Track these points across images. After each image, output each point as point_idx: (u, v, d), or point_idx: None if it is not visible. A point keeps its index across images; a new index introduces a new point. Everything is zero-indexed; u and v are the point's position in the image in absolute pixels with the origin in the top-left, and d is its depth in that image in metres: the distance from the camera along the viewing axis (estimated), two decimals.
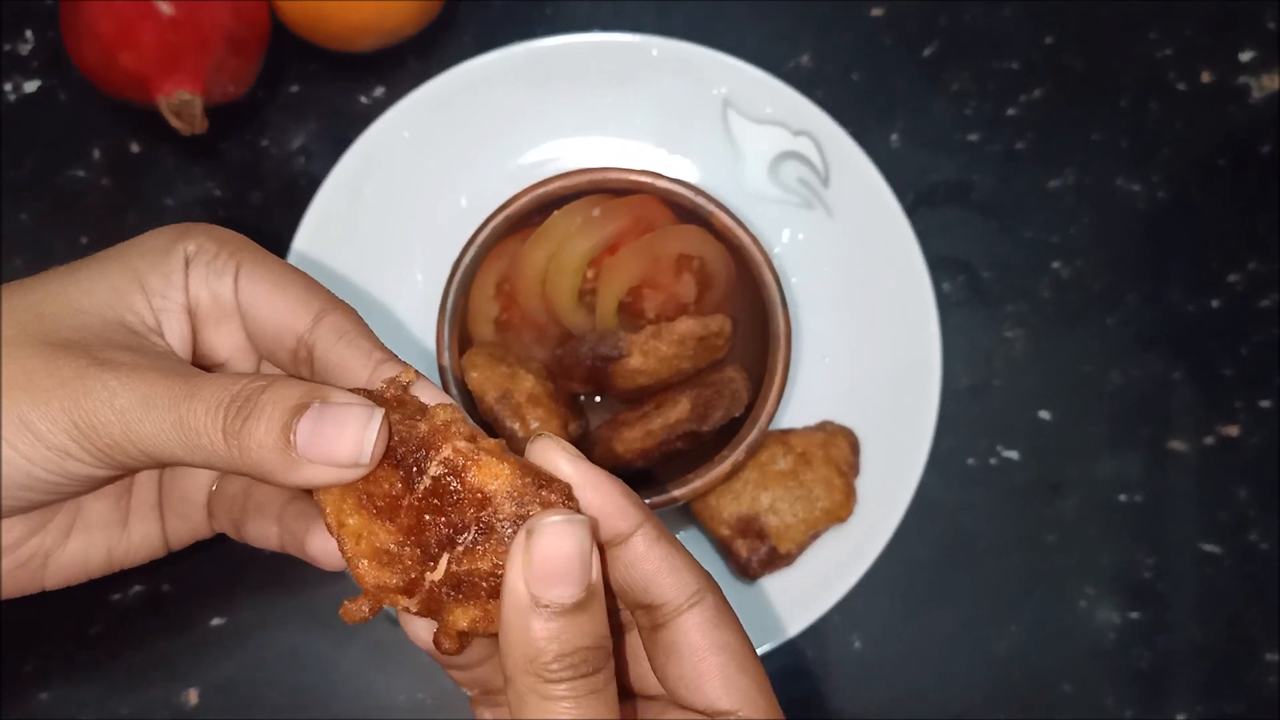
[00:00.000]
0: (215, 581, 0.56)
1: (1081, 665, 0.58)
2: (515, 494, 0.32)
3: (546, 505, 0.32)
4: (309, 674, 0.56)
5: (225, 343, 0.38)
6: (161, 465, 0.35)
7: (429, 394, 0.35)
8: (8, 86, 0.59)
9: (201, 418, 0.33)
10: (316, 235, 0.55)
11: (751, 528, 0.53)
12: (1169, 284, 0.61)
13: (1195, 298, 0.60)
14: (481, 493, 0.32)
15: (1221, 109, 0.62)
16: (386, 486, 0.33)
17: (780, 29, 0.61)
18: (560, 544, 0.31)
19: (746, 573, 0.54)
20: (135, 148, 0.59)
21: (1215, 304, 0.60)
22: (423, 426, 0.32)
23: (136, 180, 0.59)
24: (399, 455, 0.32)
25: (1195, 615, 0.59)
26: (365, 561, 0.33)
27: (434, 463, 0.32)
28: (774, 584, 0.55)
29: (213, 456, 0.33)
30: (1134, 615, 0.58)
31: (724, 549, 0.54)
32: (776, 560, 0.54)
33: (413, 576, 0.33)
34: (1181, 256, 0.61)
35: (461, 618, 0.33)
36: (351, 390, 0.34)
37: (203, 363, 0.39)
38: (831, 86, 0.60)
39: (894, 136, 0.61)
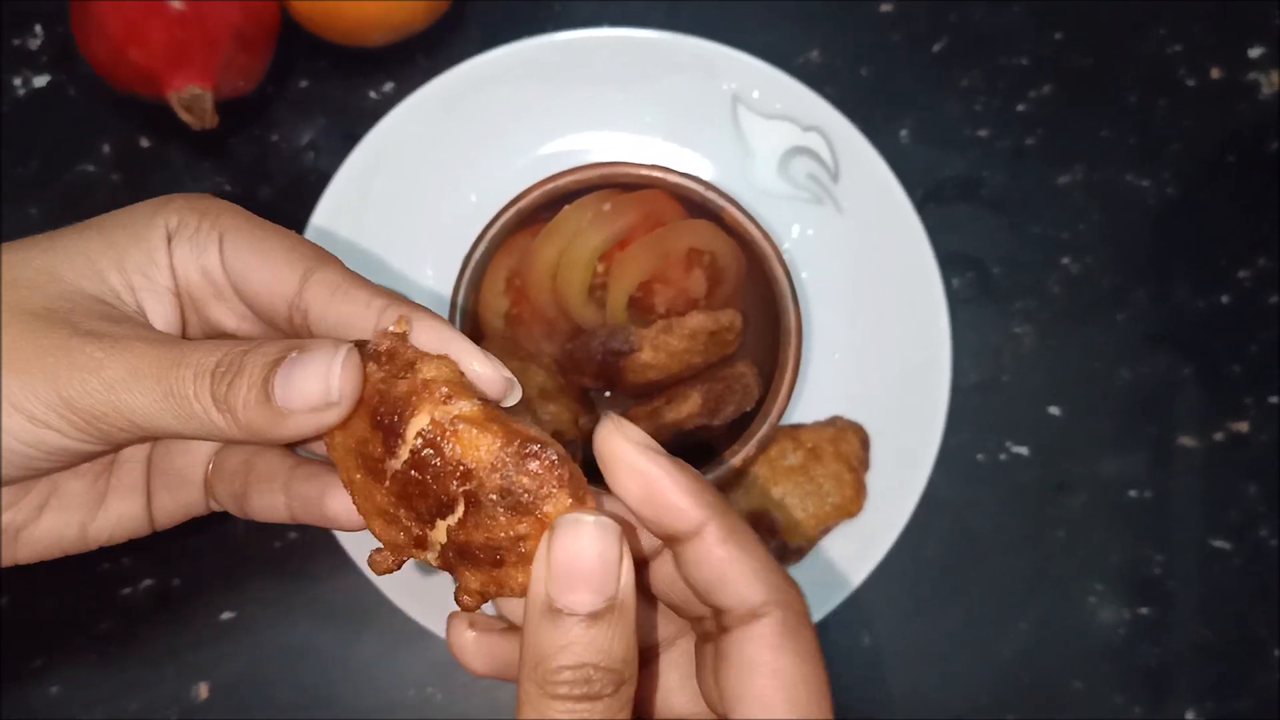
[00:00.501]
0: (224, 576, 0.56)
1: (1090, 662, 0.58)
2: (500, 466, 0.30)
3: (534, 475, 0.30)
4: (319, 668, 0.56)
5: (228, 315, 0.37)
6: (150, 438, 0.34)
7: (432, 335, 0.32)
8: (17, 81, 0.59)
9: (190, 385, 0.31)
10: (326, 231, 0.55)
11: (762, 523, 0.53)
12: (1178, 280, 0.61)
13: (1204, 294, 0.60)
14: (462, 466, 0.30)
15: (1230, 106, 0.62)
16: (372, 449, 0.31)
17: (790, 25, 0.61)
18: (578, 545, 0.29)
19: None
20: (145, 143, 0.59)
21: (1224, 300, 0.60)
22: (402, 385, 0.30)
23: (146, 175, 0.59)
24: (378, 416, 0.31)
25: (1204, 612, 0.58)
26: (374, 519, 0.32)
27: (410, 429, 0.30)
28: None
29: (206, 425, 0.32)
30: (1143, 612, 0.58)
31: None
32: (787, 555, 0.54)
33: (416, 534, 0.32)
34: (1190, 253, 0.61)
35: (472, 580, 0.32)
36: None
37: (213, 335, 0.37)
38: (841, 82, 0.60)
39: (903, 132, 0.61)
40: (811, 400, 0.57)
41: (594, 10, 0.60)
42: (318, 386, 0.31)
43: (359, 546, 0.54)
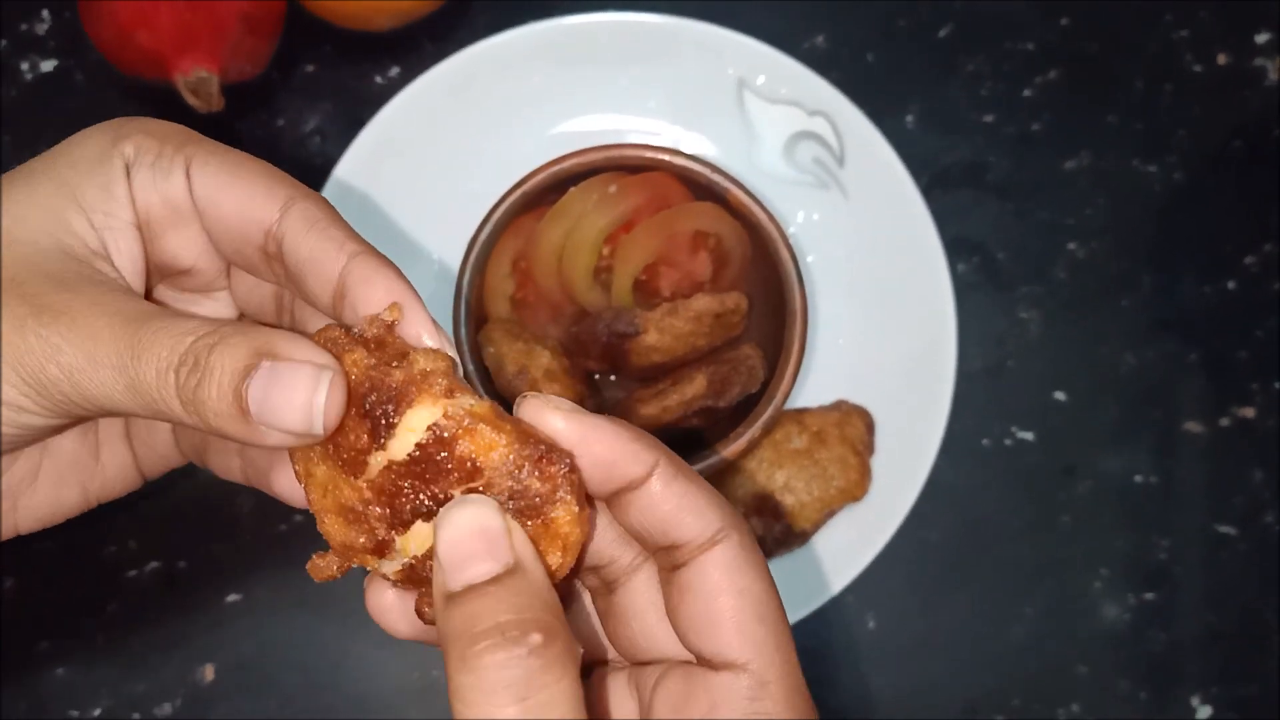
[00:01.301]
0: (229, 559, 0.57)
1: (1095, 648, 0.58)
2: (513, 468, 0.29)
3: (547, 479, 0.29)
4: (324, 651, 0.56)
5: (187, 248, 0.34)
6: (125, 414, 0.33)
7: (419, 326, 0.31)
8: (25, 66, 0.59)
9: (153, 381, 0.30)
10: None
11: (766, 506, 0.53)
12: (1184, 266, 0.60)
13: (1210, 280, 0.60)
14: (472, 463, 0.29)
15: (1237, 91, 0.62)
16: (354, 439, 0.29)
17: (796, 10, 0.61)
18: (454, 527, 0.29)
19: (762, 551, 0.54)
20: None
21: (1230, 286, 0.60)
22: (398, 374, 0.29)
23: None
24: (367, 406, 0.29)
25: (1209, 598, 0.58)
26: (330, 517, 0.30)
27: (409, 420, 0.29)
28: (788, 563, 0.55)
29: (175, 419, 0.30)
30: (1148, 598, 0.58)
31: (733, 539, 0.54)
32: (791, 539, 0.54)
33: (380, 538, 0.30)
34: (1196, 239, 0.61)
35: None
36: (323, 330, 0.30)
37: (166, 272, 0.35)
38: (847, 68, 0.60)
39: (909, 118, 0.61)
40: (817, 384, 0.57)
41: None
42: (299, 414, 0.29)
43: None
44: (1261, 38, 0.62)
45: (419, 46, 0.60)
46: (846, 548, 0.55)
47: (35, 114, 0.59)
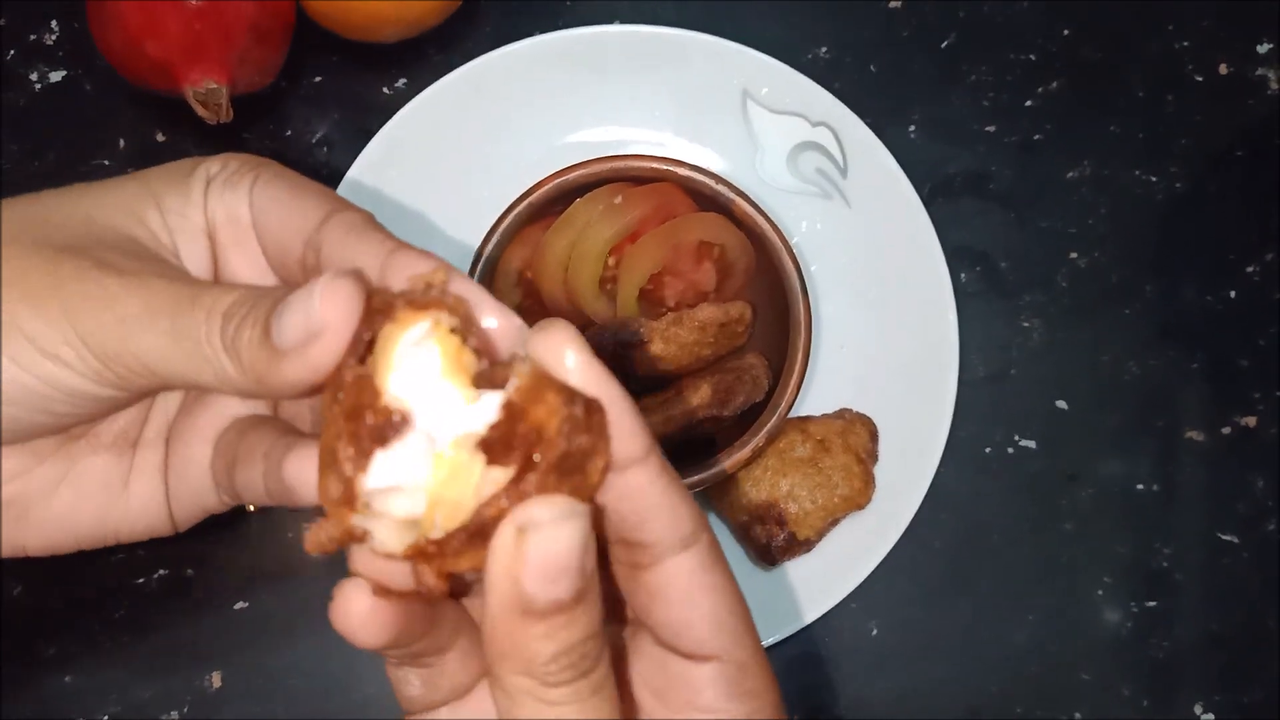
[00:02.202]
0: (237, 566, 0.57)
1: (1098, 655, 0.58)
2: (566, 430, 0.27)
3: (593, 432, 0.27)
4: (331, 658, 0.56)
5: (245, 265, 0.35)
6: (162, 386, 0.32)
7: (464, 290, 0.30)
8: (34, 76, 0.59)
9: (202, 326, 0.30)
10: None
11: (771, 514, 0.54)
12: (1186, 275, 0.61)
13: (1212, 289, 0.61)
14: (539, 429, 0.27)
15: (1239, 101, 0.62)
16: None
17: (799, 21, 0.61)
18: (558, 545, 0.27)
19: (766, 559, 0.54)
20: (160, 137, 0.59)
21: (1232, 295, 0.61)
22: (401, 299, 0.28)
23: None
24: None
25: (1212, 605, 0.59)
26: (327, 471, 0.28)
27: (388, 333, 0.27)
28: (793, 570, 0.55)
29: (215, 369, 0.30)
30: (1150, 605, 0.59)
31: (743, 535, 0.54)
32: (795, 547, 0.54)
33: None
34: (1198, 247, 0.61)
35: (464, 561, 0.28)
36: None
37: None
38: (849, 78, 0.61)
39: (912, 127, 0.61)
40: (820, 393, 0.57)
41: (605, 5, 0.61)
42: (300, 315, 0.28)
43: None
44: (1263, 48, 0.62)
45: (426, 57, 0.60)
46: (850, 555, 0.55)
47: (44, 124, 0.59)
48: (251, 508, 0.38)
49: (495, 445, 0.27)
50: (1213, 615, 0.59)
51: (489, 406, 0.27)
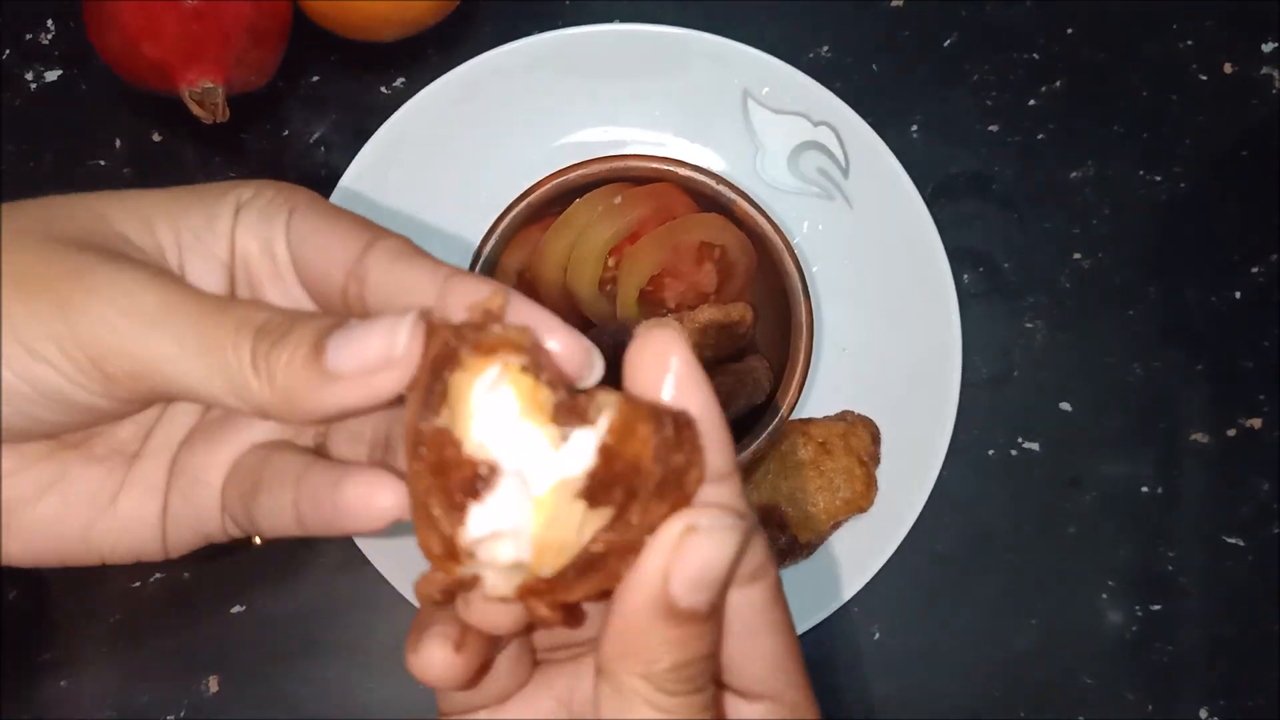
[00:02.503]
0: (234, 570, 0.56)
1: (1101, 659, 0.58)
2: (661, 455, 0.26)
3: (686, 448, 0.27)
4: (329, 662, 0.56)
5: (280, 300, 0.34)
6: (157, 396, 0.31)
7: (527, 316, 0.29)
8: (30, 75, 0.59)
9: (230, 335, 0.29)
10: None
11: (772, 517, 0.53)
12: (1190, 276, 0.60)
13: (1217, 290, 0.60)
14: (636, 464, 0.26)
15: (1243, 101, 0.62)
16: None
17: (801, 20, 0.61)
18: (721, 552, 0.27)
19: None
20: (156, 137, 0.59)
21: (1237, 296, 0.60)
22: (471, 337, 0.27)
23: (157, 170, 0.59)
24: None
25: (1216, 608, 0.58)
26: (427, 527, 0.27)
27: (456, 381, 0.27)
28: (794, 574, 0.55)
29: (235, 382, 0.29)
30: (1154, 608, 0.58)
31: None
32: (797, 550, 0.54)
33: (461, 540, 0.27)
34: (1203, 248, 0.61)
35: (577, 592, 0.28)
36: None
37: None
38: (851, 78, 0.60)
39: (914, 128, 0.61)
40: (822, 395, 0.57)
41: (605, 4, 0.60)
42: (379, 344, 0.28)
43: (371, 542, 0.54)
44: (1268, 47, 0.62)
45: (424, 57, 0.60)
46: (852, 558, 0.55)
47: (40, 123, 0.59)
48: (258, 540, 0.37)
49: (595, 489, 0.26)
50: (1216, 618, 0.58)
51: (583, 449, 0.27)
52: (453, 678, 0.30)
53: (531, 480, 0.27)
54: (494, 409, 0.27)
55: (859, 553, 0.55)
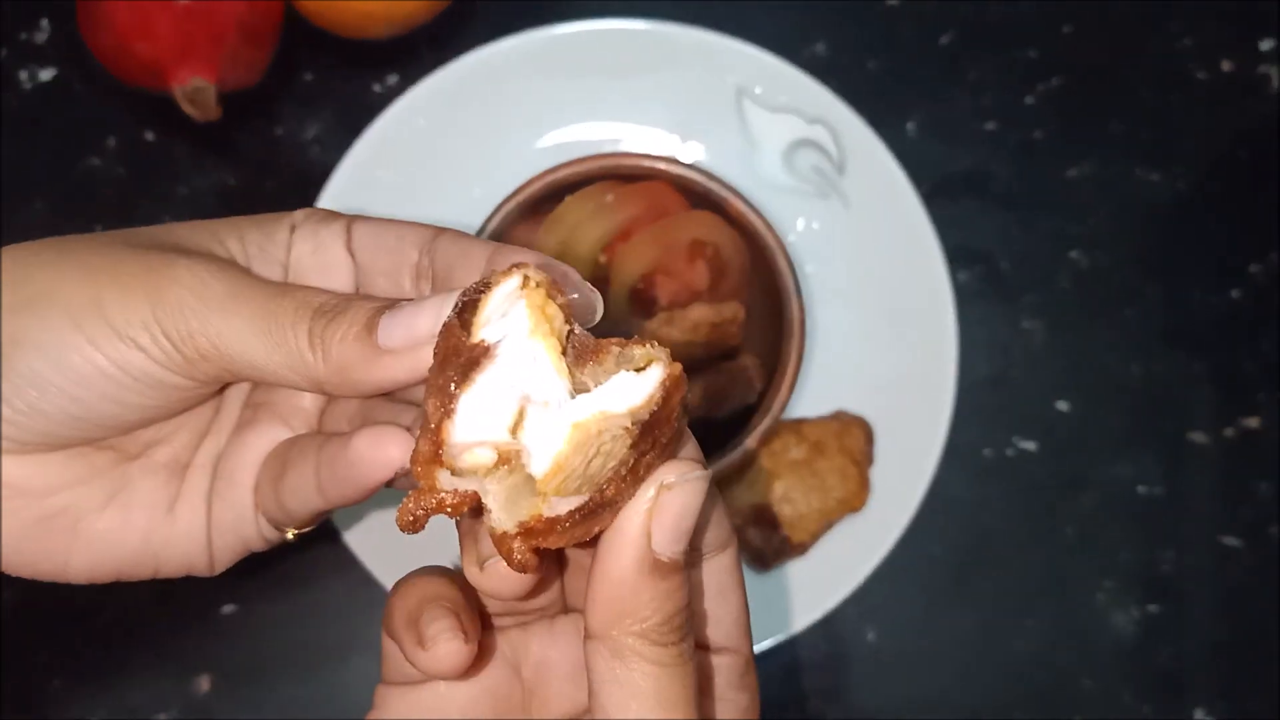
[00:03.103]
0: (227, 570, 0.56)
1: (1100, 660, 0.58)
2: (681, 413, 0.29)
3: (682, 432, 0.30)
4: (320, 661, 0.56)
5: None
6: (229, 375, 0.34)
7: (561, 276, 0.32)
8: (24, 75, 0.59)
9: (290, 314, 0.33)
10: None
11: (765, 517, 0.53)
12: (1189, 275, 0.60)
13: (1215, 289, 0.60)
14: (669, 417, 0.29)
15: (1242, 100, 0.61)
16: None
17: (796, 17, 0.61)
18: (694, 500, 0.29)
19: (760, 562, 0.53)
20: (149, 136, 0.59)
21: (1235, 295, 0.60)
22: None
23: (150, 168, 0.59)
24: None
25: (1215, 610, 0.58)
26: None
27: (490, 298, 0.29)
28: (787, 574, 0.55)
29: (293, 358, 0.32)
30: (1153, 610, 0.58)
31: (737, 538, 0.54)
32: (790, 550, 0.53)
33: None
34: (1202, 247, 0.60)
35: (566, 537, 0.29)
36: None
37: None
38: (847, 75, 0.60)
39: (910, 125, 0.60)
40: (816, 394, 0.56)
41: (599, 1, 0.60)
42: (427, 320, 0.31)
43: (360, 541, 0.54)
44: (1266, 45, 0.61)
45: (417, 54, 0.59)
46: (846, 559, 0.55)
47: (34, 123, 0.59)
48: (291, 534, 0.39)
49: (642, 431, 0.28)
50: (1216, 620, 0.58)
51: (633, 391, 0.29)
52: (465, 664, 0.32)
53: (550, 400, 0.29)
54: (505, 311, 0.29)
55: (853, 553, 0.55)
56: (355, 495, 0.35)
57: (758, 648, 0.53)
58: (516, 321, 0.29)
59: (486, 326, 0.29)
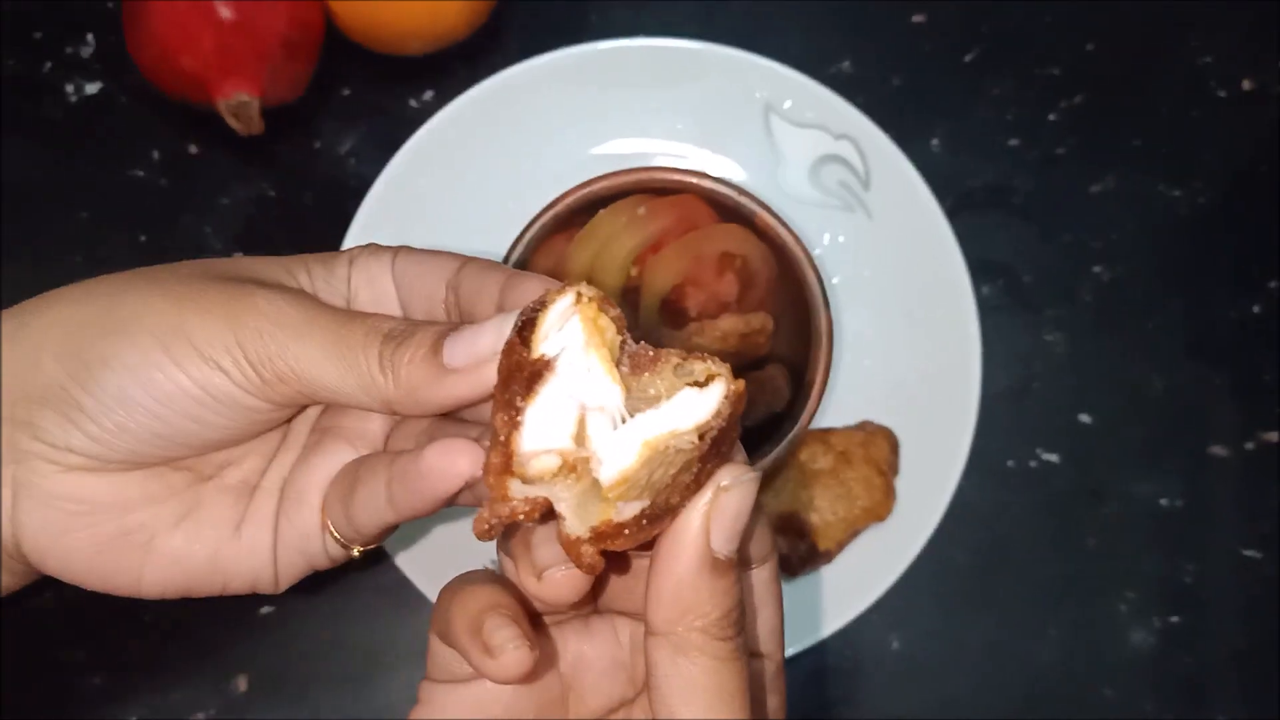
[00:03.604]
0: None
1: (1121, 670, 0.58)
2: (736, 422, 0.31)
3: (736, 438, 0.32)
4: (357, 661, 0.57)
5: None
6: (306, 398, 0.36)
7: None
8: (70, 88, 0.61)
9: (360, 339, 0.35)
10: (366, 234, 0.57)
11: (792, 525, 0.54)
12: (1210, 289, 0.61)
13: (1236, 303, 0.61)
14: (733, 426, 0.31)
15: (1262, 116, 0.62)
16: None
17: (822, 34, 0.62)
18: (747, 501, 0.31)
19: (787, 569, 0.54)
20: (193, 149, 0.60)
21: (1256, 310, 0.60)
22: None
23: (193, 180, 0.60)
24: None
25: (1236, 621, 0.58)
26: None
27: (547, 316, 0.31)
28: (814, 581, 0.55)
29: (364, 380, 0.35)
30: (1174, 620, 0.58)
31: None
32: (816, 558, 0.54)
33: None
34: (1222, 262, 0.61)
35: (631, 540, 0.31)
36: None
37: None
38: (873, 92, 0.61)
39: (935, 141, 0.61)
40: (842, 405, 0.57)
41: (630, 19, 0.61)
42: (489, 340, 0.33)
43: (395, 544, 0.55)
44: None
45: (453, 70, 0.61)
46: (871, 567, 0.55)
47: (81, 135, 0.60)
48: (357, 552, 0.40)
49: (710, 444, 0.30)
50: (1237, 631, 0.58)
51: (700, 407, 0.30)
52: (530, 669, 0.33)
53: (609, 412, 0.31)
54: (561, 327, 0.31)
55: (878, 562, 0.55)
56: (426, 507, 0.36)
57: (786, 654, 0.54)
58: (572, 335, 0.31)
59: (545, 342, 0.31)
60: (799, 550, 0.54)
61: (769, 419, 0.52)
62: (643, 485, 0.31)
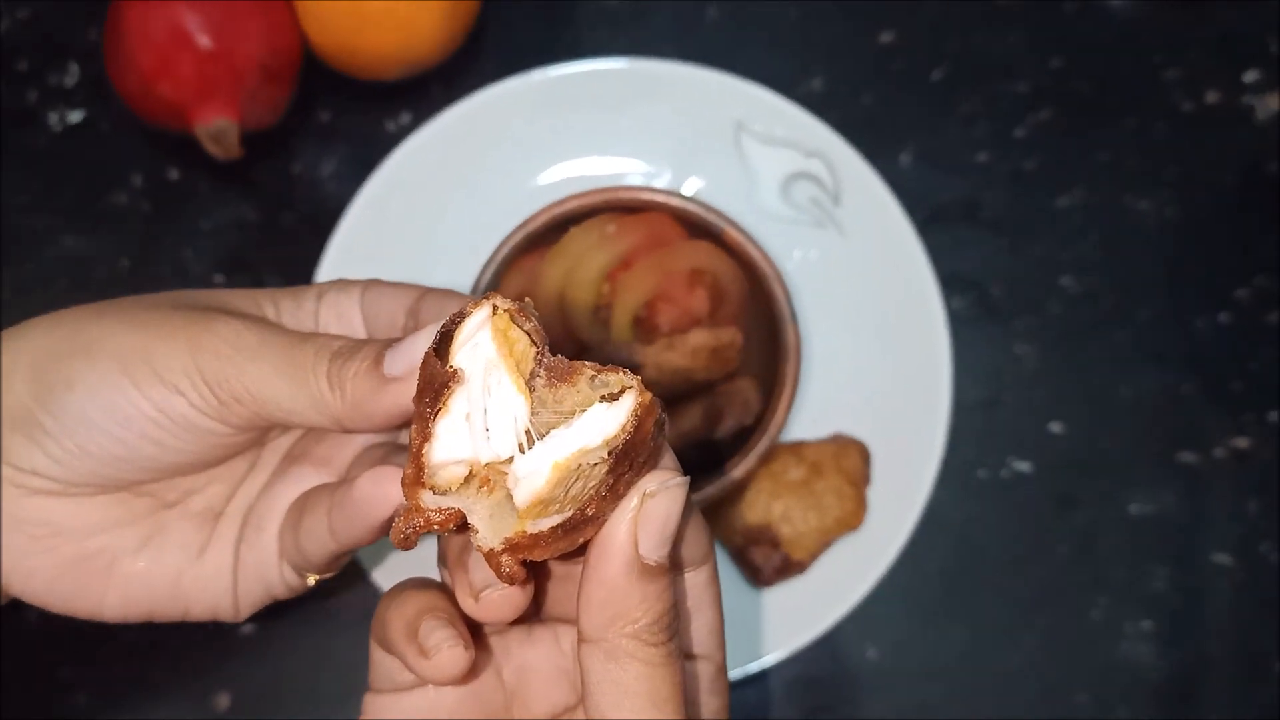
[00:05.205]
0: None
1: (1094, 677, 0.59)
2: (656, 433, 0.31)
3: (660, 447, 0.32)
4: (338, 679, 0.57)
5: None
6: (262, 420, 0.37)
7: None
8: (53, 118, 0.62)
9: (310, 358, 0.36)
10: (344, 255, 0.58)
11: (765, 536, 0.54)
12: (1178, 299, 0.62)
13: (1204, 313, 0.61)
14: (644, 439, 0.31)
15: (1227, 129, 0.63)
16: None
17: (793, 54, 0.63)
18: (675, 506, 0.32)
19: (760, 581, 0.55)
20: (174, 174, 0.61)
21: (1223, 319, 0.61)
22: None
23: (175, 205, 0.61)
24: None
25: (1207, 627, 0.59)
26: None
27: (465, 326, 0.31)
28: (787, 592, 0.56)
29: (314, 397, 0.35)
30: (1147, 626, 0.59)
31: (737, 557, 0.55)
32: (789, 568, 0.55)
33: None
34: (1189, 272, 0.62)
35: (550, 550, 0.31)
36: None
37: None
38: (843, 110, 0.62)
39: (904, 157, 0.62)
40: (815, 417, 0.58)
41: (604, 40, 0.62)
42: (422, 346, 0.33)
43: (372, 557, 0.56)
44: (1250, 76, 0.63)
45: (429, 93, 0.62)
46: (844, 577, 0.56)
47: (64, 163, 0.61)
48: (312, 580, 0.41)
49: (617, 458, 0.30)
50: (1209, 637, 0.59)
51: (608, 422, 0.31)
52: (466, 669, 0.34)
53: (516, 424, 0.31)
54: (474, 339, 0.31)
55: (851, 572, 0.56)
56: (364, 534, 0.37)
57: (761, 664, 0.55)
58: (484, 347, 0.31)
59: (459, 353, 0.31)
60: (772, 561, 0.55)
61: (740, 432, 0.53)
62: (561, 500, 0.31)
